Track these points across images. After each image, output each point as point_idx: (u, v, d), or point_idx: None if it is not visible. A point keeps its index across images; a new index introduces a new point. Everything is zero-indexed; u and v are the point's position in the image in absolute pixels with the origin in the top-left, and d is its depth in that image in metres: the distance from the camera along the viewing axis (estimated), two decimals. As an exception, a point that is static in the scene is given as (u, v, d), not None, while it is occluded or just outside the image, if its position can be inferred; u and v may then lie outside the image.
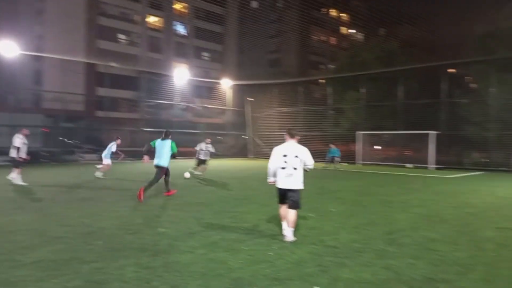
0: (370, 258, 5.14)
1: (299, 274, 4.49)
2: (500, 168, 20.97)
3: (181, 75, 29.98)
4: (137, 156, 26.50)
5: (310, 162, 6.09)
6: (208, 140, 16.74)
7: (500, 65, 21.20)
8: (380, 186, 13.72)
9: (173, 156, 10.42)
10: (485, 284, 4.28)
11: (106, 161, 15.12)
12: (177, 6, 54.36)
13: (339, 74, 30.60)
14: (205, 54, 56.82)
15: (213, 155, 17.04)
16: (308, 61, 63.29)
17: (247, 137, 33.04)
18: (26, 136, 12.43)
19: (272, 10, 64.79)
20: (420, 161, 23.32)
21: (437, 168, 22.20)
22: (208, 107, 34.06)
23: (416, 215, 8.22)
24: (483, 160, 22.62)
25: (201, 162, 16.31)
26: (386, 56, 30.51)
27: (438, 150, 22.77)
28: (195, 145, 17.19)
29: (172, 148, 10.26)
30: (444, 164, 22.58)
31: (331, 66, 50.76)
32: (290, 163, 5.97)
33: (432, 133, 22.62)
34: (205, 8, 55.66)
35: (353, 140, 26.32)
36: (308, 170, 6.17)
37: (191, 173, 15.70)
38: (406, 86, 24.92)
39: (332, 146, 22.53)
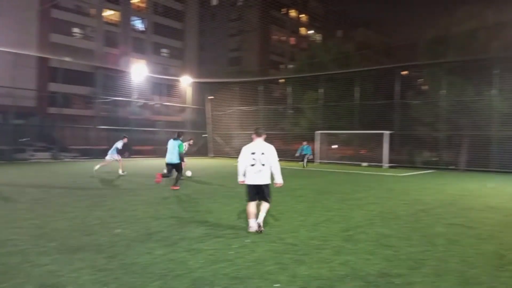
0: (328, 255, 5.26)
1: (259, 273, 4.52)
2: (449, 167, 22.10)
3: (139, 72, 29.26)
4: (92, 155, 25.68)
5: (275, 158, 6.50)
6: (191, 141, 16.97)
7: (449, 68, 22.31)
8: (337, 184, 14.07)
9: (180, 155, 11.84)
10: (436, 278, 4.49)
11: (108, 157, 15.94)
12: (135, 0, 53.01)
13: (298, 74, 31.03)
14: (164, 50, 55.76)
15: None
16: (269, 60, 63.78)
17: (207, 136, 32.80)
18: None
19: (233, 8, 64.71)
20: (375, 160, 24.15)
21: (390, 167, 23.06)
22: (167, 105, 33.49)
23: (371, 212, 8.50)
24: (433, 159, 23.75)
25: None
26: (343, 58, 31.29)
27: (392, 149, 23.68)
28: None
29: (179, 148, 11.71)
30: (397, 162, 23.51)
31: (291, 66, 51.41)
32: (258, 160, 6.38)
33: (386, 133, 23.47)
34: (164, 4, 54.62)
35: (312, 139, 26.80)
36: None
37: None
38: (362, 87, 25.71)
39: (305, 144, 23.18)
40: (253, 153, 6.42)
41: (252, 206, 6.46)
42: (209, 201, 9.65)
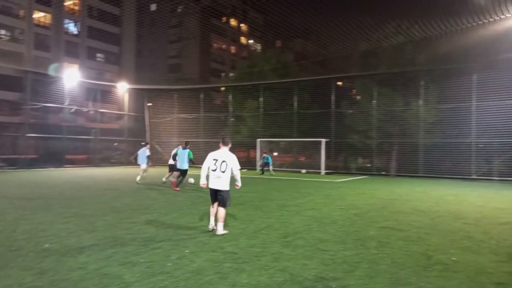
0: (267, 262, 5.31)
1: (198, 283, 4.45)
2: (381, 173, 23.34)
3: (72, 77, 27.85)
4: (20, 164, 23.94)
5: (236, 167, 7.03)
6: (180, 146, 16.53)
7: (380, 79, 23.68)
8: (277, 191, 14.29)
9: (191, 162, 14.33)
10: (369, 280, 4.70)
11: (143, 166, 16.32)
12: (68, 3, 50.50)
13: (239, 82, 31.27)
14: (100, 55, 53.52)
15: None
16: (209, 68, 63.61)
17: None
18: None
19: (173, 15, 63.86)
20: (313, 166, 24.91)
21: (327, 173, 23.88)
22: (102, 112, 32.12)
23: (309, 218, 8.73)
24: (366, 165, 24.97)
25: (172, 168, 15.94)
26: (282, 68, 32.05)
27: (328, 157, 24.58)
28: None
29: (189, 155, 14.13)
30: (333, 169, 24.44)
31: (232, 74, 51.67)
32: (219, 167, 6.89)
33: (323, 140, 24.31)
34: (100, 8, 52.57)
35: (253, 147, 27.07)
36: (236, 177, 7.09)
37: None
38: (300, 96, 26.50)
39: (265, 155, 23.76)
40: (215, 160, 6.95)
41: (214, 207, 7.06)
42: (145, 211, 9.35)
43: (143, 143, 17.30)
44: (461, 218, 8.96)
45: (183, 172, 14.10)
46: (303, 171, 25.05)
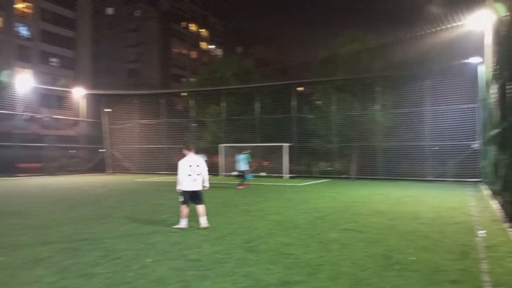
0: (231, 268, 5.30)
1: (161, 292, 4.36)
2: (342, 176, 23.87)
3: (24, 82, 26.64)
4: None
5: (206, 169, 8.29)
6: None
7: (339, 85, 24.28)
8: (241, 197, 14.27)
9: (248, 165, 17.90)
10: (331, 282, 4.78)
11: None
12: (20, 5, 48.33)
13: (200, 87, 31.06)
14: (54, 59, 51.45)
15: None
16: (170, 73, 62.82)
17: (104, 151, 30.94)
18: None
19: (131, 18, 62.65)
20: (276, 171, 25.10)
21: (290, 177, 24.13)
22: (57, 118, 30.90)
23: (272, 222, 8.78)
24: (328, 168, 25.46)
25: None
26: (244, 73, 32.17)
27: (291, 161, 24.86)
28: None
29: (246, 159, 17.82)
30: (296, 173, 24.73)
31: (193, 80, 51.24)
32: (194, 170, 8.00)
33: (285, 145, 24.58)
34: (54, 11, 50.66)
35: (216, 153, 26.91)
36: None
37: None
38: (262, 101, 26.68)
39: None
40: (190, 166, 8.00)
41: (185, 208, 8.00)
42: (103, 221, 9.06)
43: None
44: (418, 219, 9.31)
45: (242, 173, 17.92)
46: (263, 173, 25.24)
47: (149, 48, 62.01)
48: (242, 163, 17.83)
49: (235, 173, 21.68)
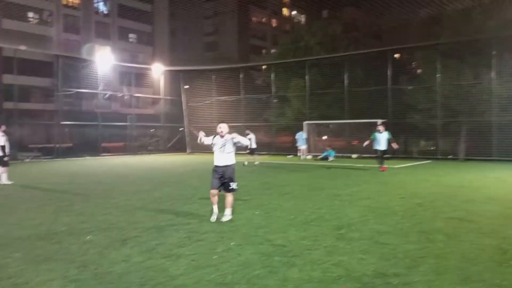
0: (320, 256, 5.36)
1: (246, 277, 4.59)
2: (447, 157, 22.59)
3: (104, 60, 28.86)
4: (55, 153, 25.29)
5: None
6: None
7: (444, 50, 22.73)
8: (327, 179, 14.24)
9: (389, 142, 16.81)
10: (436, 276, 4.64)
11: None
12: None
13: (281, 59, 31.10)
14: (132, 35, 54.93)
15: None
16: (249, 45, 63.58)
17: (184, 130, 32.61)
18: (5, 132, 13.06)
19: (207, -13, 64.11)
20: (368, 151, 24.44)
21: (385, 158, 23.35)
22: (137, 96, 33.12)
23: (364, 208, 8.66)
24: (430, 148, 24.22)
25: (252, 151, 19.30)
26: (330, 41, 31.49)
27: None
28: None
29: (388, 136, 16.75)
30: (391, 153, 23.84)
31: (273, 51, 51.41)
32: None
33: (379, 121, 23.75)
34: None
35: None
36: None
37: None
38: (351, 72, 25.95)
39: (328, 148, 24.08)
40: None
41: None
42: (187, 201, 9.66)
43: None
44: (544, 208, 8.56)
45: (384, 152, 17.00)
46: (354, 155, 24.63)
47: (226, 18, 63.15)
48: (383, 142, 16.71)
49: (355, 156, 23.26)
